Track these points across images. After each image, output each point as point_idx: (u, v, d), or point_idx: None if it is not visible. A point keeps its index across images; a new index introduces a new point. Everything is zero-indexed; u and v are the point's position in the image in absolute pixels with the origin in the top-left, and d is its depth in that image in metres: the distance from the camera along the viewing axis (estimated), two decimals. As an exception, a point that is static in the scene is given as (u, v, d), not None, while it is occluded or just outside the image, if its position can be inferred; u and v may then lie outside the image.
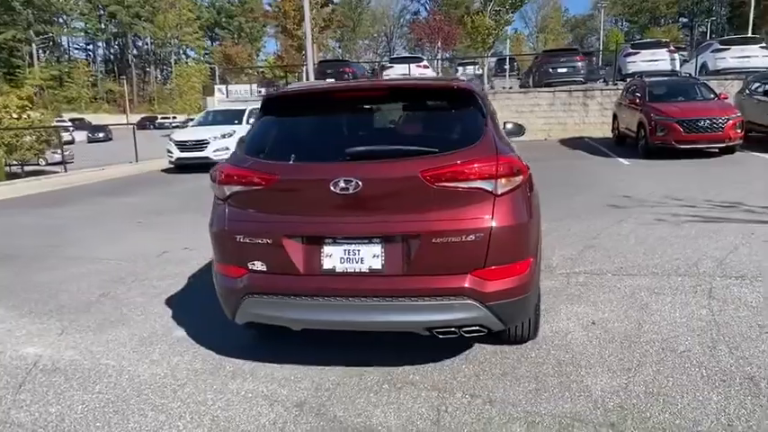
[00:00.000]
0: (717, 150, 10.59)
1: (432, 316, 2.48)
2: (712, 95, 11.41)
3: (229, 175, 2.70)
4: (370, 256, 2.51)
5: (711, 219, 5.87)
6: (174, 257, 5.57)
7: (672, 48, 18.35)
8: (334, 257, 2.54)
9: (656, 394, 2.58)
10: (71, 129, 36.01)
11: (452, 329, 2.54)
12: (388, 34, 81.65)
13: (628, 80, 15.12)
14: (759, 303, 3.55)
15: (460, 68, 30.52)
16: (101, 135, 37.65)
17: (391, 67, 19.84)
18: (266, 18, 48.34)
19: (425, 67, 19.70)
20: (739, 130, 10.17)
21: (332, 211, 2.53)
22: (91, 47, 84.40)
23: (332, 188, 2.46)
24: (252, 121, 14.89)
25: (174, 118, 52.19)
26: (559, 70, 17.60)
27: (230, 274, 2.74)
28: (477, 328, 2.54)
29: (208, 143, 13.52)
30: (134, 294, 4.49)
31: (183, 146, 13.77)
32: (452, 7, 61.48)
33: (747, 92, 12.45)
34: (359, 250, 2.52)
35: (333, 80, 19.81)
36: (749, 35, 25.56)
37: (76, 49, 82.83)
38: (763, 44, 16.92)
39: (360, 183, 2.43)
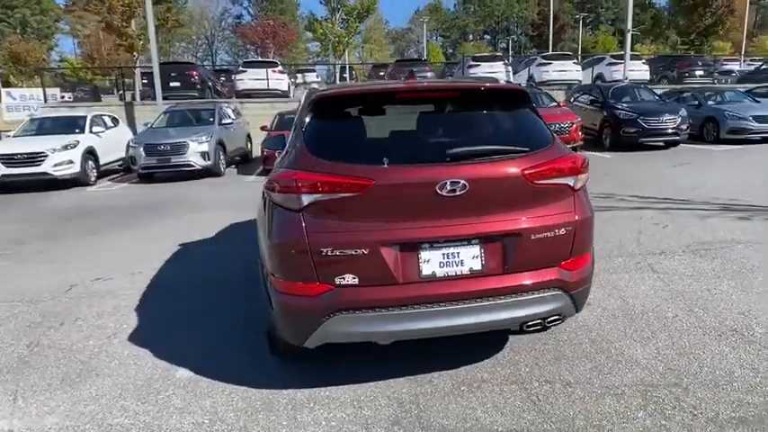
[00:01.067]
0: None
1: (529, 310, 2.59)
2: (554, 103, 13.38)
3: (312, 183, 2.44)
4: (470, 258, 2.51)
5: (602, 208, 6.95)
6: (91, 291, 4.69)
7: (505, 61, 21.01)
8: (432, 262, 2.49)
9: (684, 354, 3.05)
10: None
11: (540, 322, 2.68)
12: (209, 37, 77.58)
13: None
14: (692, 272, 4.38)
15: (299, 75, 30.62)
16: None
17: (244, 71, 19.00)
18: (68, 12, 42.02)
19: (281, 72, 19.30)
20: (581, 133, 12.12)
21: (430, 215, 2.47)
22: None
23: (438, 191, 2.42)
24: (96, 129, 12.82)
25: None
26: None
27: (306, 293, 2.49)
28: (558, 317, 2.73)
29: (45, 156, 11.37)
30: (77, 339, 3.70)
31: (10, 160, 11.36)
32: (278, 13, 61.10)
33: (572, 100, 14.90)
34: (458, 252, 2.51)
35: (177, 83, 18.25)
36: (565, 52, 29.89)
37: None
38: (575, 60, 20.40)
39: (467, 184, 2.43)
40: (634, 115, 12.16)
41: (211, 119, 13.10)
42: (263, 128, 13.57)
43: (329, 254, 2.42)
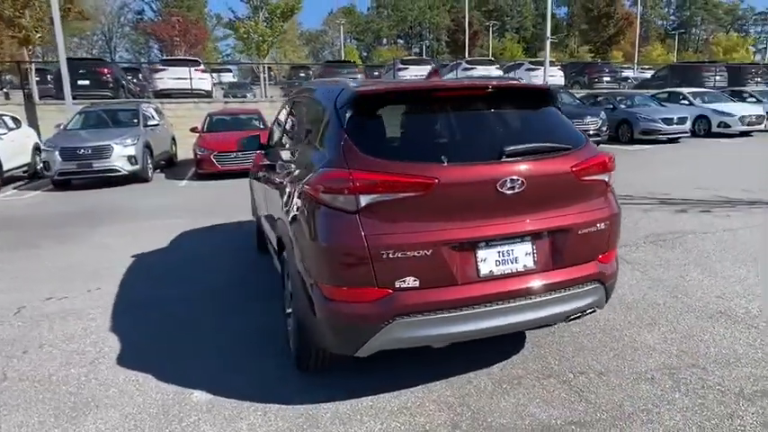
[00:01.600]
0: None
1: (575, 304, 2.65)
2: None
3: (371, 183, 2.33)
4: (524, 255, 2.53)
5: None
6: (46, 312, 4.16)
7: (433, 65, 21.55)
8: (489, 261, 2.47)
9: (688, 336, 3.30)
10: None
11: (579, 315, 2.77)
12: (107, 33, 72.11)
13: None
14: (661, 261, 4.74)
15: (215, 75, 29.42)
16: None
17: (164, 69, 17.84)
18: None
19: (204, 71, 18.36)
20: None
21: (488, 213, 2.46)
22: None
23: (498, 188, 2.42)
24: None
25: None
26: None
27: (362, 299, 2.37)
28: (593, 309, 2.83)
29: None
30: (53, 367, 3.26)
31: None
32: (185, 9, 58.19)
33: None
34: (513, 250, 2.52)
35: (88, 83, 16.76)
36: (488, 58, 30.93)
37: None
38: (498, 66, 21.42)
39: (524, 181, 2.45)
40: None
41: (135, 120, 12.14)
42: (193, 129, 12.86)
43: (389, 256, 2.32)
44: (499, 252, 2.50)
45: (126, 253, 5.67)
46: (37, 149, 12.35)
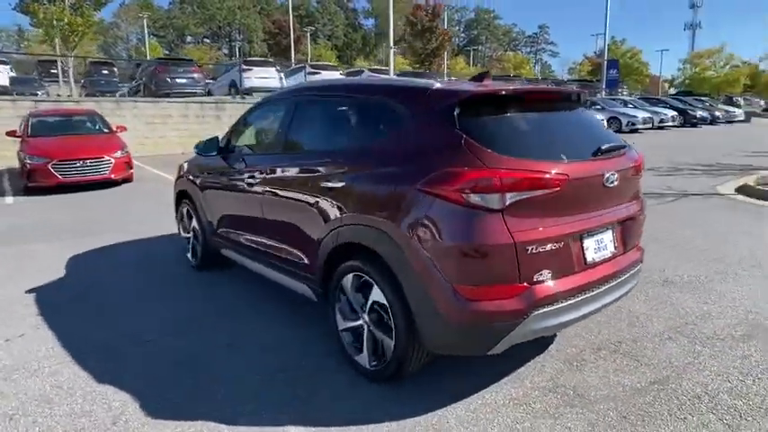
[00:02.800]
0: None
1: (632, 284, 3.07)
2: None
3: (515, 181, 2.37)
4: (609, 242, 2.83)
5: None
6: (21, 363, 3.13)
7: (277, 67, 20.85)
8: (590, 249, 2.70)
9: (665, 303, 4.00)
10: None
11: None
12: None
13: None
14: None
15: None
16: None
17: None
18: None
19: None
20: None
21: (594, 205, 2.71)
22: None
23: (604, 183, 2.69)
24: None
25: None
26: (178, 81, 17.05)
27: (504, 296, 2.41)
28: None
29: None
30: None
31: None
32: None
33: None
34: (603, 238, 2.79)
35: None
36: (267, 59, 29.18)
37: None
38: (278, 68, 20.64)
39: (618, 175, 2.76)
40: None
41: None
42: (10, 133, 10.55)
43: (531, 252, 2.41)
44: (596, 240, 2.76)
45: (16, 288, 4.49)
46: None
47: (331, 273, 3.10)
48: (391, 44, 21.54)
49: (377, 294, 2.78)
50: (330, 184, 3.03)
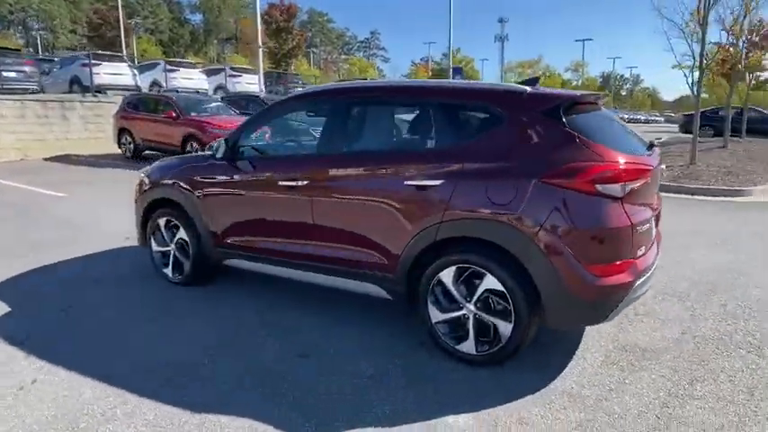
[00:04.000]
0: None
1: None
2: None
3: (632, 171, 2.83)
4: (653, 228, 3.36)
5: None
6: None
7: (129, 63, 18.36)
8: (650, 231, 3.20)
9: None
10: None
11: None
12: None
13: (129, 94, 14.56)
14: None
15: None
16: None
17: None
18: None
19: None
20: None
21: (650, 194, 3.23)
22: None
23: (657, 174, 3.27)
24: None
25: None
26: (5, 74, 14.12)
27: (622, 270, 2.84)
28: None
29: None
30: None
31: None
32: None
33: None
34: (651, 224, 3.28)
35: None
36: (116, 53, 27.18)
37: None
38: (130, 63, 18.98)
39: (660, 169, 3.34)
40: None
41: None
42: None
43: (638, 231, 2.89)
44: (650, 224, 3.30)
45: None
46: None
47: (421, 269, 3.20)
48: (260, 43, 20.85)
49: (490, 282, 2.97)
50: (421, 183, 3.12)
